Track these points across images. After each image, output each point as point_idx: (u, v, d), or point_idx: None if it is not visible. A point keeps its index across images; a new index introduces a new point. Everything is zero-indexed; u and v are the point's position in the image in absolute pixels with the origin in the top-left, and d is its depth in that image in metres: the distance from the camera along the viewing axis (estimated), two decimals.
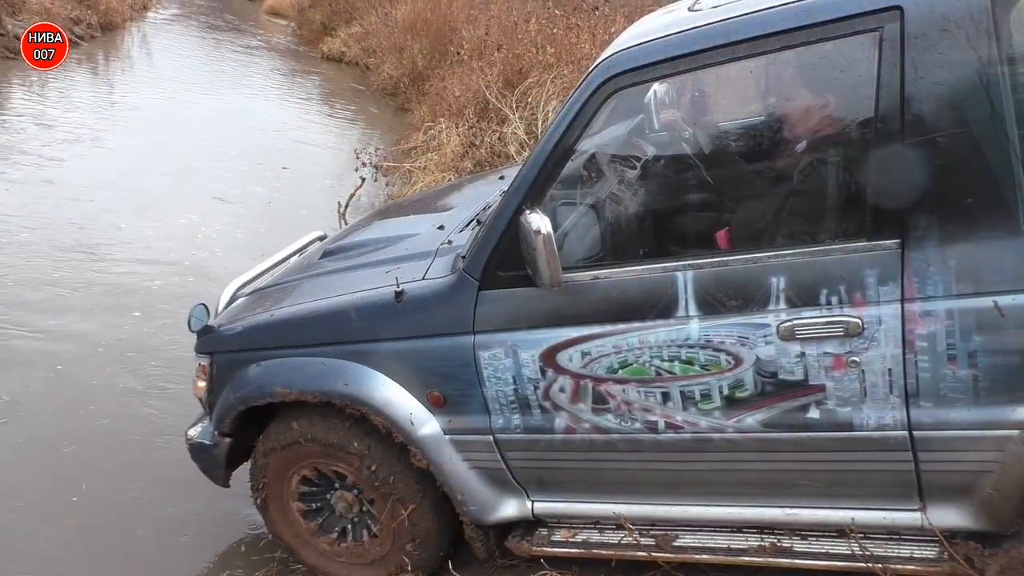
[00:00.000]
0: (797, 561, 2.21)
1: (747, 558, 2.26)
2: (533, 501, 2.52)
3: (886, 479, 2.07)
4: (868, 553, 2.14)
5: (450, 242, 2.70)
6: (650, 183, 2.68)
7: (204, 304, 2.81)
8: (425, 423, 2.45)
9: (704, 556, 2.31)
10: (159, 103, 11.32)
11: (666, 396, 2.16)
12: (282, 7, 21.48)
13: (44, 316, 5.24)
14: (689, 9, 2.21)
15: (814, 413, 2.04)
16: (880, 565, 2.11)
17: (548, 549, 2.48)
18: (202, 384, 2.84)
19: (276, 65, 15.39)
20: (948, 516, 2.06)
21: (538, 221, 2.03)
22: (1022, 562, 1.97)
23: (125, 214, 7.04)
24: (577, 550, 2.45)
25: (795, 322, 1.96)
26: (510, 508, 2.53)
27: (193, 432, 2.93)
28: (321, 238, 3.56)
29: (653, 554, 2.36)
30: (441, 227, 2.90)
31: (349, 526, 2.84)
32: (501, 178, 3.44)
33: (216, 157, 8.82)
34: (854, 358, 1.95)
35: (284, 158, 8.86)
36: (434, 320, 2.38)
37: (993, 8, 1.72)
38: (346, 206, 6.52)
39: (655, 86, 2.84)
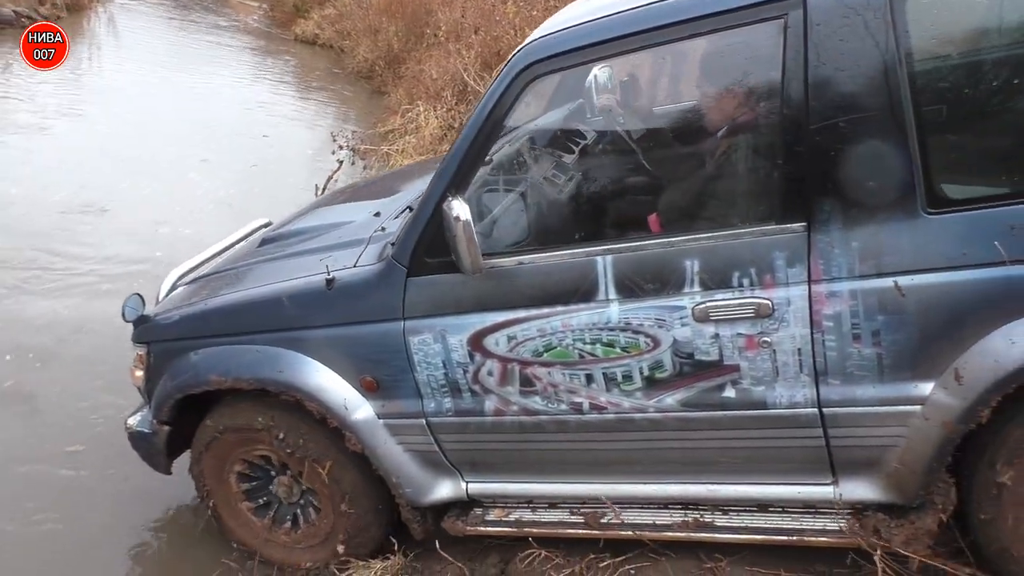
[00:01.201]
0: (717, 536, 2.27)
1: (670, 533, 2.33)
2: (467, 482, 2.57)
3: (799, 455, 2.14)
4: (783, 527, 2.21)
5: (384, 229, 2.72)
6: (583, 168, 2.71)
7: (139, 294, 2.81)
8: (359, 408, 2.47)
9: (630, 532, 2.37)
10: (129, 82, 11.23)
11: (590, 378, 2.21)
12: None
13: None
14: None
15: (730, 392, 2.10)
16: (795, 538, 2.18)
17: (482, 528, 2.53)
18: (139, 373, 2.85)
19: (248, 47, 15.19)
20: (859, 489, 2.14)
21: (458, 208, 2.05)
22: (926, 532, 2.06)
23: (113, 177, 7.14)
24: (510, 528, 2.51)
25: (709, 304, 2.01)
26: (445, 489, 2.57)
27: (132, 421, 2.94)
28: (266, 226, 3.55)
29: (581, 531, 2.41)
30: (377, 214, 2.92)
31: (298, 511, 2.87)
32: None
33: (189, 134, 8.81)
34: (765, 339, 2.00)
35: (257, 141, 8.82)
36: (364, 307, 2.40)
37: None
38: (323, 189, 6.49)
39: (595, 70, 2.88)
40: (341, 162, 7.08)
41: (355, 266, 2.47)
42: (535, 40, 2.14)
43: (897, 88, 1.79)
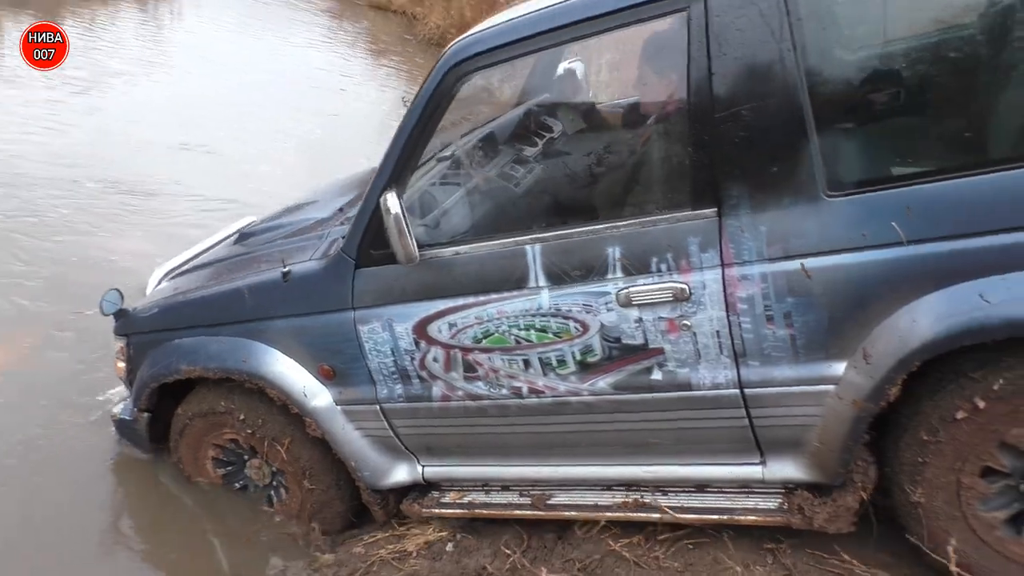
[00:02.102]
0: (654, 515, 2.34)
1: (611, 514, 2.40)
2: (423, 466, 2.67)
3: (726, 435, 2.19)
4: (717, 506, 2.27)
5: (343, 224, 2.83)
6: (537, 161, 2.80)
7: (117, 289, 2.97)
8: (317, 395, 2.59)
9: (573, 513, 2.45)
10: (212, 40, 11.98)
11: (527, 363, 2.30)
12: None
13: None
14: None
15: (657, 375, 2.16)
16: (726, 517, 2.24)
17: (437, 510, 2.63)
18: (121, 364, 3.01)
19: (323, 10, 15.67)
20: (785, 469, 2.19)
21: (391, 202, 2.16)
22: (848, 509, 2.10)
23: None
24: (463, 511, 2.61)
25: (631, 289, 2.08)
26: (401, 473, 2.68)
27: (116, 409, 3.12)
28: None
29: (528, 512, 2.50)
30: (341, 209, 3.03)
31: (271, 492, 3.01)
32: None
33: (273, 86, 9.55)
34: (685, 322, 2.07)
35: (336, 95, 9.39)
36: (318, 298, 2.52)
37: None
38: None
39: (566, 64, 2.97)
40: None
41: (310, 259, 2.59)
42: (460, 40, 2.23)
43: (794, 75, 1.84)
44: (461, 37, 2.27)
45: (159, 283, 3.29)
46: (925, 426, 1.96)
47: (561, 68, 3.10)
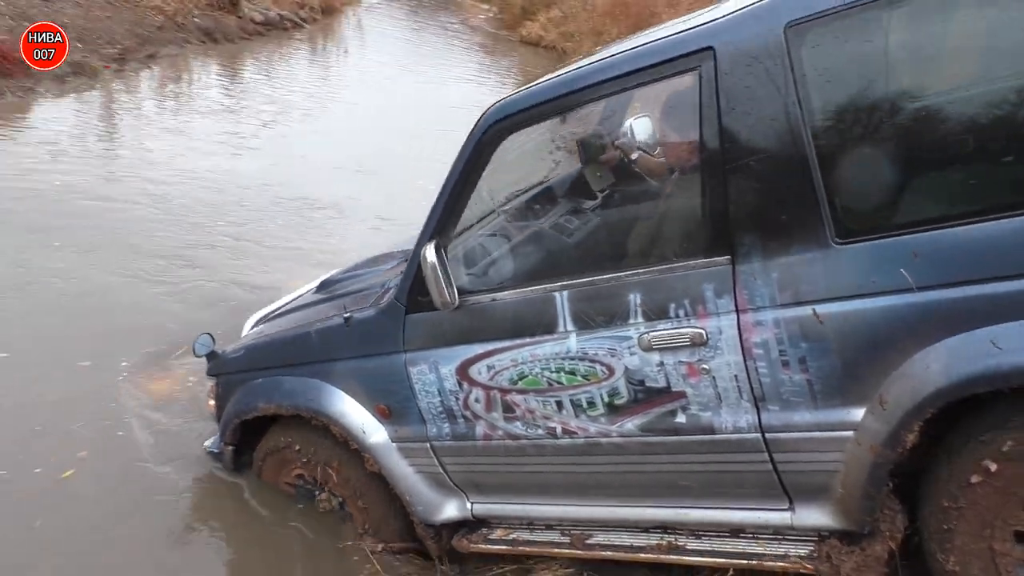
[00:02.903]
0: (685, 558, 2.36)
1: (645, 555, 2.44)
2: (472, 503, 2.80)
3: (752, 479, 2.21)
4: (748, 551, 2.28)
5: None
6: (573, 215, 2.94)
7: (209, 333, 3.30)
8: (375, 432, 2.79)
9: (610, 553, 2.51)
10: (375, 74, 13.34)
11: (560, 404, 2.40)
12: None
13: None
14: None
15: (681, 418, 2.22)
16: (755, 562, 2.24)
17: (483, 546, 2.75)
18: (212, 403, 3.32)
19: (476, 47, 16.86)
20: (813, 516, 2.18)
21: (429, 253, 2.35)
22: (876, 559, 2.07)
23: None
24: (507, 547, 2.71)
25: (652, 334, 2.17)
26: (452, 509, 2.82)
27: (208, 443, 3.44)
28: None
29: (566, 551, 2.58)
30: (405, 260, 3.26)
31: (341, 520, 3.20)
32: None
33: (433, 115, 10.52)
34: (704, 366, 2.12)
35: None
36: (375, 341, 2.73)
37: (787, 42, 1.90)
38: None
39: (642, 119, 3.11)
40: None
41: (369, 306, 2.81)
42: (495, 103, 2.42)
43: (799, 128, 1.90)
44: (498, 99, 2.46)
45: (252, 327, 3.62)
46: (945, 493, 1.93)
47: (627, 124, 3.22)
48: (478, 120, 2.43)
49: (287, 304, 3.69)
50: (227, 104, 10.82)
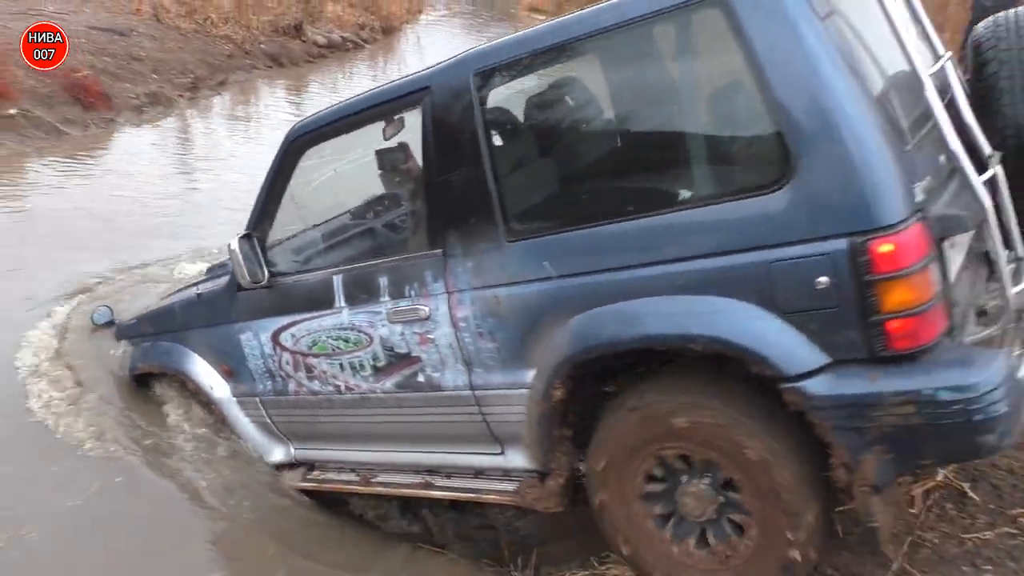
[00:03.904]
0: (433, 493, 2.94)
1: (407, 491, 3.01)
2: (295, 449, 3.40)
3: (472, 429, 2.76)
4: (480, 488, 2.84)
5: None
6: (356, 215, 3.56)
7: (107, 305, 3.95)
8: (220, 388, 3.40)
9: (387, 490, 3.08)
10: None
11: (341, 366, 2.98)
12: (540, 3, 22.52)
13: None
14: None
15: (421, 378, 2.78)
16: (476, 495, 2.81)
17: (299, 483, 3.34)
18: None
19: None
20: (518, 459, 2.73)
21: (233, 243, 2.94)
22: (550, 492, 2.61)
23: None
24: (315, 484, 3.30)
25: (394, 309, 2.74)
26: (280, 454, 3.42)
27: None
28: None
29: (357, 487, 3.16)
30: None
31: None
32: None
33: None
34: (430, 335, 2.69)
35: None
36: (218, 313, 3.33)
37: (474, 84, 2.46)
38: None
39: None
40: None
41: (218, 286, 3.42)
42: (298, 121, 3.01)
43: (481, 152, 2.46)
44: (298, 120, 3.05)
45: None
46: (594, 441, 2.49)
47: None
48: (284, 136, 3.02)
49: (185, 284, 4.32)
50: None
